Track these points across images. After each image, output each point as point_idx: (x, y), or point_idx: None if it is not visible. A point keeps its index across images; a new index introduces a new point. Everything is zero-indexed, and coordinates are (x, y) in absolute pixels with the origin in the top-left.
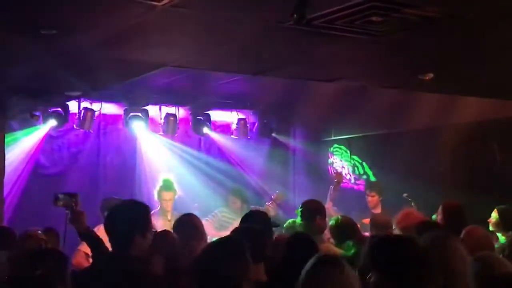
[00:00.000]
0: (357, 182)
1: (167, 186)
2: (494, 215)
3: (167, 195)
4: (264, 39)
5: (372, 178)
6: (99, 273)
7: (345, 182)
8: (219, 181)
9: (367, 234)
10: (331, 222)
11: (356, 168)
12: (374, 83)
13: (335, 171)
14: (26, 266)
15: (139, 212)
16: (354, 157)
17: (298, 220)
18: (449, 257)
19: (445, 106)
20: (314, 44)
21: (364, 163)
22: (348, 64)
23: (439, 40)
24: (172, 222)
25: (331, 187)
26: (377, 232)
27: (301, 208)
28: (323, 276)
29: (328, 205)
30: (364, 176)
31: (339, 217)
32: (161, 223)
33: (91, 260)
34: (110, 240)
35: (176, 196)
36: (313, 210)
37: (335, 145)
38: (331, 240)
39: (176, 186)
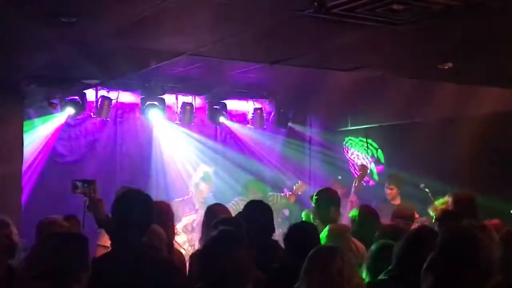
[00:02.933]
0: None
1: (208, 178)
2: None
3: (207, 187)
4: (282, 28)
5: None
6: (119, 261)
7: (368, 180)
8: (235, 170)
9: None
10: (352, 212)
11: (372, 154)
12: (392, 72)
13: (360, 164)
14: (48, 253)
15: (150, 201)
16: (371, 142)
17: (312, 208)
18: None
19: (464, 96)
20: (333, 32)
21: (379, 151)
22: (366, 54)
23: (459, 29)
24: (200, 211)
25: (355, 179)
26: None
27: (316, 196)
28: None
29: (353, 198)
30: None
31: (362, 206)
32: (187, 211)
33: None
34: (126, 228)
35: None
36: (328, 200)
37: (348, 138)
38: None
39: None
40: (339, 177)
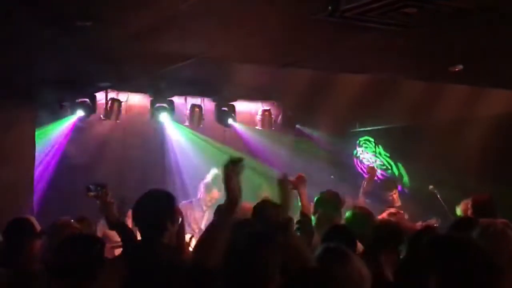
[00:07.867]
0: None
1: (218, 181)
2: None
3: (216, 193)
4: (295, 31)
5: (395, 171)
6: (134, 261)
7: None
8: (244, 173)
9: None
10: (347, 214)
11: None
12: (403, 75)
13: (368, 165)
14: (67, 253)
15: (167, 200)
16: (379, 148)
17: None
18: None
19: (473, 98)
20: (345, 35)
21: (388, 156)
22: (377, 56)
23: (470, 31)
24: (207, 213)
25: (364, 181)
26: None
27: (319, 197)
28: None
29: (361, 199)
30: (389, 171)
31: (356, 208)
32: (196, 213)
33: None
34: (142, 228)
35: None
36: (331, 202)
37: (364, 137)
38: None
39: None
40: (332, 176)
